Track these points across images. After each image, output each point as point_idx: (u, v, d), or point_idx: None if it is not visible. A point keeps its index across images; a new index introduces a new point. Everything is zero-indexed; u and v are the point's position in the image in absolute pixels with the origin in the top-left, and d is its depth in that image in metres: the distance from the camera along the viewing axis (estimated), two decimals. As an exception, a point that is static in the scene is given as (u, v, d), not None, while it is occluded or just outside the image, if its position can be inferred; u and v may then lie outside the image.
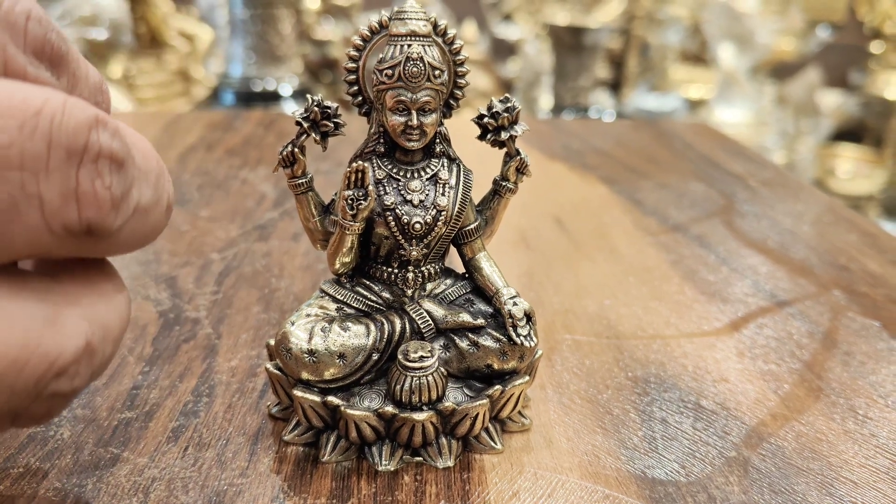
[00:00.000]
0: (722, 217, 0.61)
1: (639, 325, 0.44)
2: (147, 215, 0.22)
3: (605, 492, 0.30)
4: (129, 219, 0.21)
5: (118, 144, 0.21)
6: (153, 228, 0.23)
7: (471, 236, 0.34)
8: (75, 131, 0.20)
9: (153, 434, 0.33)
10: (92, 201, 0.20)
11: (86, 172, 0.20)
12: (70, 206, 0.20)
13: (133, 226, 0.22)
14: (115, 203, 0.21)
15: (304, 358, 0.31)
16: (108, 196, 0.20)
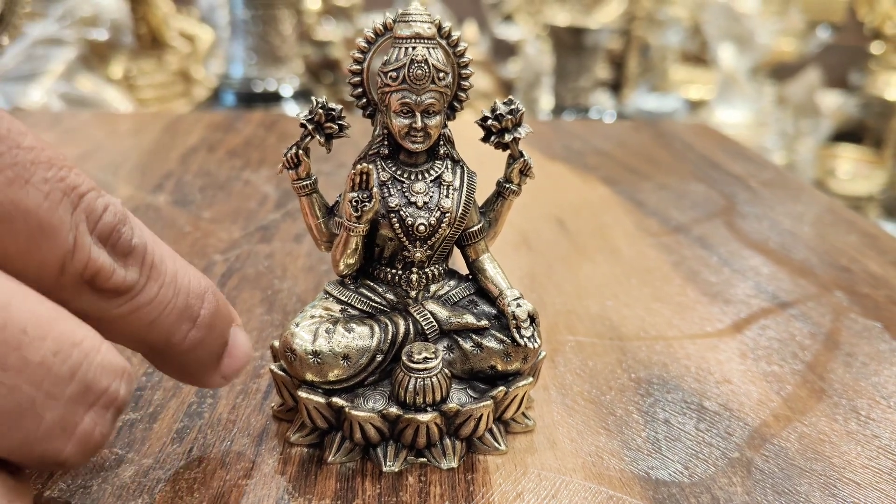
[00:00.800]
0: (723, 218, 0.61)
1: (641, 326, 0.44)
2: None
3: (609, 493, 0.31)
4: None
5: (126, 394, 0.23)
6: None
7: (474, 238, 0.34)
8: (102, 373, 0.22)
9: (158, 435, 0.33)
10: (84, 443, 0.22)
11: (91, 416, 0.22)
12: (64, 439, 0.22)
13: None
14: (97, 450, 0.23)
15: (308, 359, 0.31)
16: (98, 444, 0.23)
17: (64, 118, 0.85)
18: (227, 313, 0.29)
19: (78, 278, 0.23)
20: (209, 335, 0.28)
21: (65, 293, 0.23)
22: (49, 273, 0.22)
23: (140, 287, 0.25)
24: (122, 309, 0.25)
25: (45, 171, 0.22)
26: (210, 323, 0.28)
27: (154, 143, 0.76)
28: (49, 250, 0.22)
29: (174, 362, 0.28)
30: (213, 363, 0.29)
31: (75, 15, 1.59)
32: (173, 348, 0.27)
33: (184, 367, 0.28)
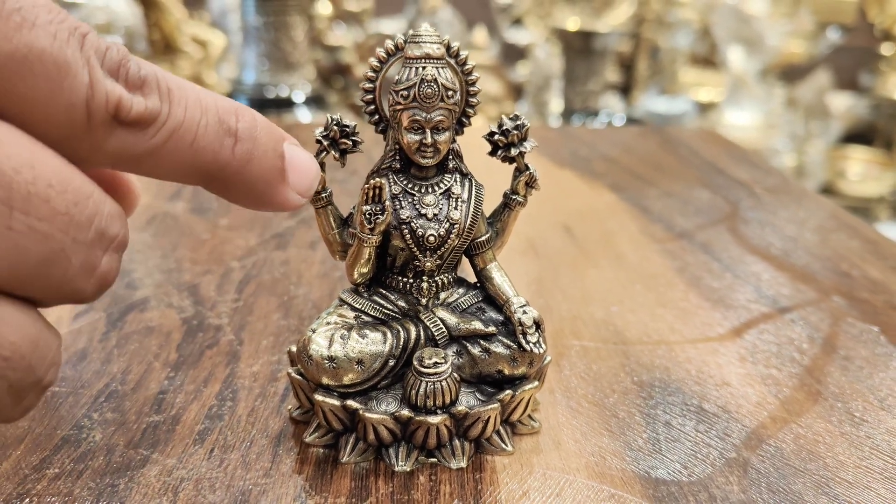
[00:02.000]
0: (727, 224, 0.62)
1: (645, 331, 0.45)
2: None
3: (611, 491, 0.32)
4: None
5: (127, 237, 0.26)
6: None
7: (482, 248, 0.36)
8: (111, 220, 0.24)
9: (180, 436, 0.35)
10: (102, 281, 0.25)
11: (107, 258, 0.25)
12: (87, 279, 0.24)
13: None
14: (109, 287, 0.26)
15: (324, 364, 0.33)
16: (111, 282, 0.25)
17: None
18: (271, 128, 0.29)
19: (104, 115, 0.23)
20: (256, 147, 0.28)
21: (97, 134, 0.24)
22: (78, 116, 0.23)
23: (165, 113, 0.25)
24: (157, 139, 0.25)
25: (47, 13, 0.22)
26: (252, 135, 0.27)
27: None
28: (70, 89, 0.22)
29: (237, 183, 0.28)
30: (278, 179, 0.29)
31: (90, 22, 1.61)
32: (226, 168, 0.27)
33: (249, 186, 0.28)
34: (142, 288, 0.49)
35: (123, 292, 0.48)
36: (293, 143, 0.30)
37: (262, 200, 0.29)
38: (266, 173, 0.28)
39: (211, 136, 0.26)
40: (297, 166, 0.30)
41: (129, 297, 0.47)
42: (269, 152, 0.28)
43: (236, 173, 0.27)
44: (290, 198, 0.30)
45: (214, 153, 0.26)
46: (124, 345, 0.42)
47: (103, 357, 0.41)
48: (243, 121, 0.27)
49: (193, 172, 0.27)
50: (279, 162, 0.29)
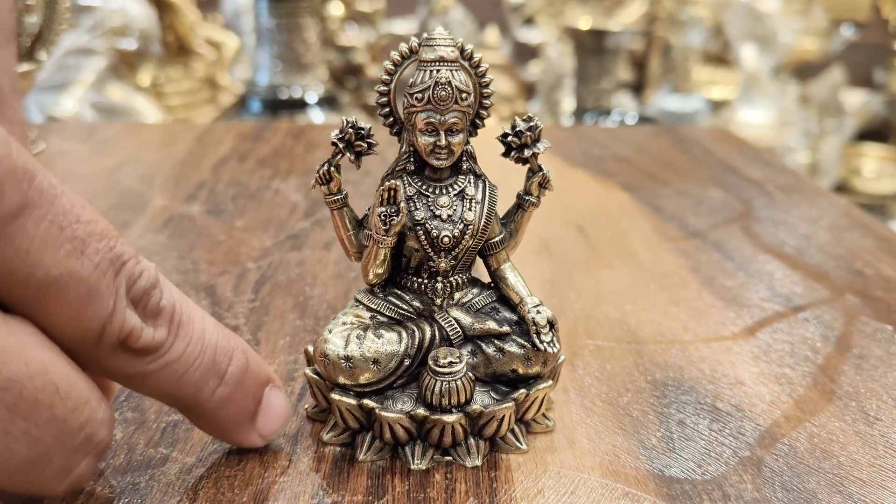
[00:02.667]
0: (740, 223, 0.62)
1: (658, 330, 0.46)
2: None
3: (625, 489, 0.32)
4: None
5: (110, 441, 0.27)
6: None
7: (496, 248, 0.36)
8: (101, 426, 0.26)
9: (199, 435, 0.35)
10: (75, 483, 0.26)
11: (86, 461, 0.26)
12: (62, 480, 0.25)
13: None
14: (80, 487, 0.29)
15: (340, 363, 0.33)
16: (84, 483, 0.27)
17: (97, 130, 0.88)
18: (259, 372, 0.31)
19: (114, 340, 0.25)
20: (237, 392, 0.30)
21: (101, 353, 0.25)
22: (91, 336, 0.25)
23: (168, 345, 0.27)
24: (152, 366, 0.27)
25: (98, 242, 0.24)
26: (238, 380, 0.30)
27: (186, 153, 0.78)
28: (93, 314, 0.24)
29: (207, 418, 0.30)
30: (247, 421, 0.31)
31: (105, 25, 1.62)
32: (203, 404, 0.29)
33: (217, 423, 0.30)
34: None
35: (141, 293, 0.49)
36: (276, 387, 0.32)
37: (224, 436, 0.32)
38: (237, 416, 0.31)
39: (199, 375, 0.28)
40: (270, 412, 0.32)
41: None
42: (247, 398, 0.30)
43: (210, 412, 0.29)
44: (251, 440, 0.32)
45: (197, 391, 0.28)
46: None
47: (122, 357, 0.41)
48: (234, 364, 0.29)
49: (170, 399, 0.29)
50: (254, 408, 0.31)
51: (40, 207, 0.23)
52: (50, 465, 0.24)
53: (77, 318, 0.24)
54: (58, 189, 0.24)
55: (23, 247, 0.23)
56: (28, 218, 0.23)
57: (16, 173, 0.22)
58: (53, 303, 0.24)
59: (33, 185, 0.23)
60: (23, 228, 0.22)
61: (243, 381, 0.30)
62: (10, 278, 0.23)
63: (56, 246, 0.23)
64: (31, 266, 0.23)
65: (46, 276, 0.23)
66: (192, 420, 0.31)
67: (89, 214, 0.24)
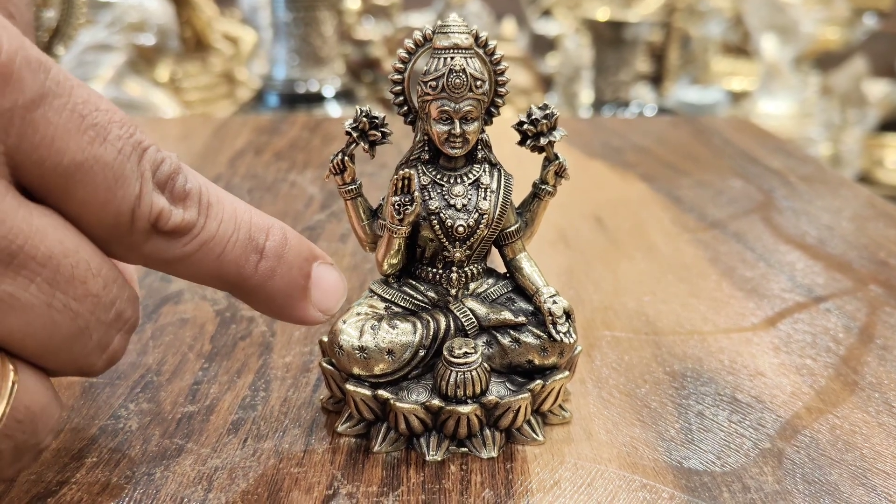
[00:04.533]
0: (760, 213, 0.62)
1: (677, 321, 0.45)
2: None
3: (643, 481, 0.32)
4: None
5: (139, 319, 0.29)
6: None
7: (511, 238, 0.36)
8: (129, 304, 0.28)
9: (214, 426, 0.35)
10: (111, 359, 0.28)
11: (118, 338, 0.28)
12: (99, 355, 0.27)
13: None
14: (115, 363, 0.29)
15: (355, 354, 0.33)
16: (118, 359, 0.29)
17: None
18: (301, 248, 0.31)
19: (145, 224, 0.26)
20: (281, 266, 0.30)
21: (136, 238, 0.26)
22: (123, 221, 0.26)
23: (201, 225, 0.27)
24: (188, 248, 0.27)
25: (119, 129, 0.25)
26: (278, 254, 0.30)
27: (203, 146, 0.79)
28: (122, 198, 0.25)
29: (258, 295, 0.30)
30: (300, 296, 0.31)
31: (123, 21, 1.63)
32: (248, 280, 0.29)
33: (270, 299, 0.31)
34: (176, 281, 0.49)
35: (158, 285, 0.49)
36: (325, 264, 0.32)
37: (282, 313, 0.31)
38: (287, 289, 0.31)
39: (238, 252, 0.29)
40: (324, 286, 0.32)
41: (163, 290, 0.48)
42: (293, 270, 0.30)
43: (258, 286, 0.30)
44: (310, 314, 0.32)
45: (239, 267, 0.29)
46: (159, 336, 0.43)
47: (139, 349, 0.42)
48: (272, 239, 0.30)
49: (217, 280, 0.29)
50: (302, 280, 0.31)
51: (60, 97, 0.24)
52: (89, 339, 0.26)
53: (106, 204, 0.25)
54: (73, 81, 0.25)
55: (48, 134, 0.23)
56: (49, 107, 0.23)
57: (31, 63, 0.23)
58: (82, 189, 0.24)
59: (49, 75, 0.24)
60: (45, 117, 0.23)
61: (284, 255, 0.30)
62: (39, 166, 0.24)
63: (79, 133, 0.24)
64: (57, 153, 0.24)
65: (73, 162, 0.24)
66: (248, 302, 0.31)
67: (106, 104, 0.25)
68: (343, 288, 0.33)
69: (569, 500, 0.31)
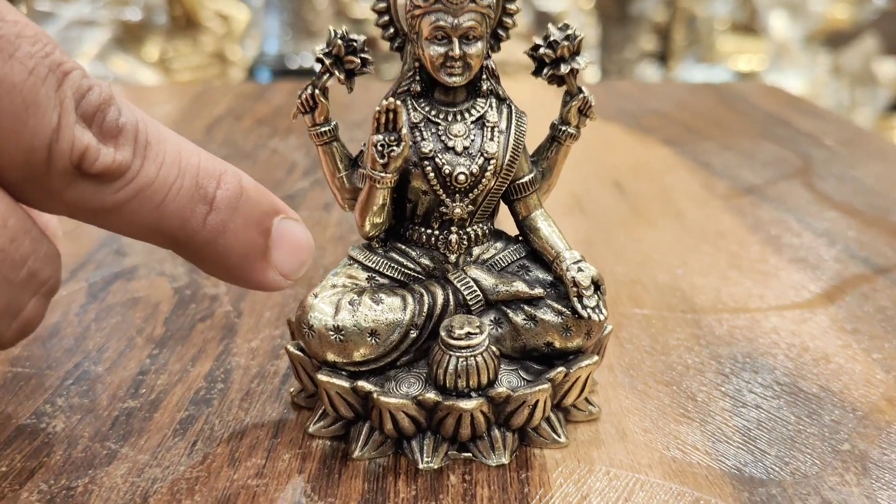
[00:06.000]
0: (801, 179, 0.55)
1: (718, 297, 0.38)
2: None
3: (695, 494, 0.25)
4: None
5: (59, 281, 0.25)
6: None
7: (525, 190, 0.29)
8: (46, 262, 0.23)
9: (158, 426, 0.28)
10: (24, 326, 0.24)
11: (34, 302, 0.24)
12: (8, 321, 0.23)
13: None
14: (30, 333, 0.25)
15: (329, 336, 0.26)
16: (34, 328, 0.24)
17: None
18: (260, 199, 0.26)
19: (66, 163, 0.22)
20: (234, 220, 0.25)
21: (56, 181, 0.22)
22: (38, 159, 0.21)
23: (136, 168, 0.23)
24: (121, 195, 0.23)
25: (31, 45, 0.21)
26: (231, 205, 0.25)
27: (180, 113, 0.72)
28: (35, 130, 0.21)
29: (208, 255, 0.25)
30: (257, 256, 0.26)
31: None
32: (195, 236, 0.25)
33: (221, 259, 0.26)
34: (132, 255, 0.43)
35: (111, 259, 0.42)
36: (289, 219, 0.27)
37: (236, 276, 0.27)
38: (242, 248, 0.26)
39: (182, 201, 0.24)
40: (287, 245, 0.27)
41: (116, 265, 0.41)
42: (249, 226, 0.26)
43: (206, 244, 0.25)
44: (269, 277, 0.27)
45: (183, 220, 0.24)
46: (104, 318, 0.36)
47: (78, 333, 0.35)
48: (225, 188, 0.25)
49: (157, 235, 0.25)
50: (261, 238, 0.26)
51: None
52: None
53: (15, 136, 0.21)
54: None
55: None
56: None
57: None
58: None
59: None
60: None
61: (239, 208, 0.25)
62: None
63: None
64: None
65: None
66: (196, 262, 0.26)
67: (16, 16, 0.21)
68: (310, 248, 0.27)
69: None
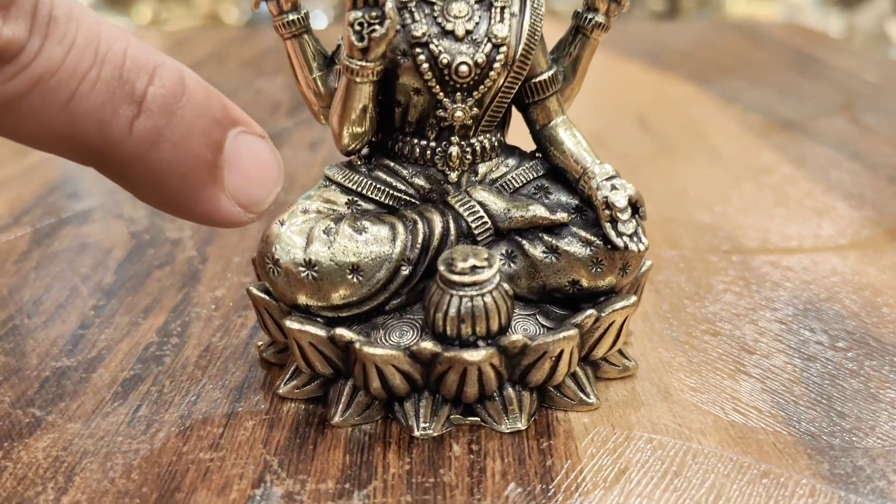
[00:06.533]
0: (845, 114, 0.49)
1: (766, 236, 0.33)
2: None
3: (762, 467, 0.20)
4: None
5: None
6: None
7: (544, 91, 0.23)
8: None
9: (95, 389, 0.23)
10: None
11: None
12: None
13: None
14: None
15: (299, 273, 0.21)
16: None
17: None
18: (210, 103, 0.20)
19: None
20: (172, 127, 0.19)
21: None
22: None
23: (33, 50, 0.18)
24: (14, 84, 0.18)
25: None
26: (168, 107, 0.19)
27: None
28: None
29: (137, 172, 0.20)
30: (203, 177, 0.20)
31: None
32: (118, 146, 0.19)
33: (158, 181, 0.20)
34: (88, 198, 0.37)
35: (62, 203, 0.37)
36: (250, 133, 0.21)
37: (177, 205, 0.21)
38: (182, 167, 0.20)
39: (99, 98, 0.18)
40: (245, 165, 0.21)
41: (67, 209, 0.36)
42: (193, 138, 0.20)
43: (135, 159, 0.19)
44: (222, 207, 0.21)
45: (101, 123, 0.19)
46: (47, 266, 0.31)
47: (14, 282, 0.30)
48: (160, 84, 0.19)
49: (71, 145, 0.19)
50: (209, 154, 0.20)
51: None
52: None
53: None
54: None
55: None
56: None
57: None
58: None
59: None
60: None
61: (178, 112, 0.19)
62: None
63: None
64: None
65: None
66: (127, 186, 0.20)
67: None
68: (277, 171, 0.22)
69: (646, 499, 0.19)
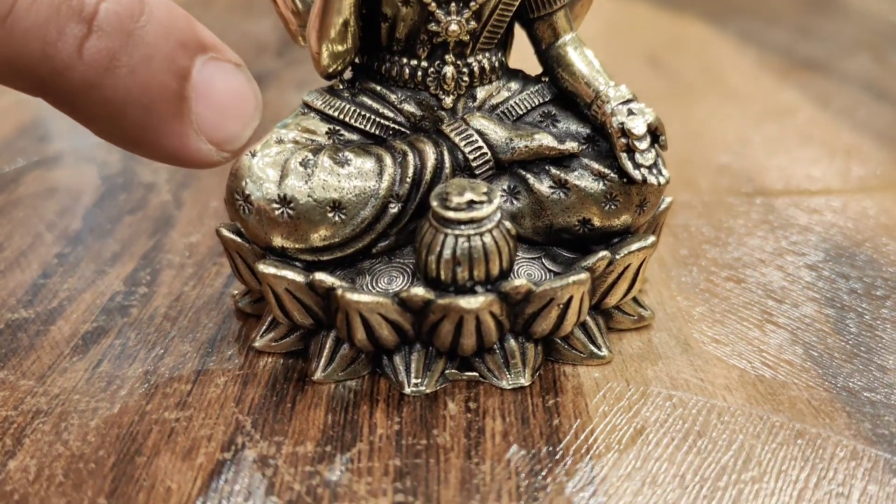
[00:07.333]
0: (871, 53, 0.46)
1: (790, 178, 0.30)
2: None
3: (797, 426, 0.18)
4: None
5: None
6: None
7: (550, 4, 0.20)
8: None
9: (53, 343, 0.21)
10: None
11: None
12: None
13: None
14: None
15: (273, 210, 0.18)
16: None
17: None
18: (175, 24, 0.17)
19: None
20: (129, 50, 0.16)
21: None
22: None
23: None
24: None
25: None
26: (124, 27, 0.16)
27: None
28: None
29: (94, 105, 0.16)
30: (168, 109, 0.17)
31: None
32: (67, 73, 0.16)
33: (116, 118, 0.17)
34: (58, 141, 0.35)
35: (32, 147, 0.34)
36: (222, 60, 0.18)
37: (137, 141, 0.18)
38: (142, 97, 0.17)
39: (42, 13, 0.16)
40: (216, 97, 0.18)
41: (36, 152, 0.34)
42: (154, 63, 0.17)
43: (87, 87, 0.16)
44: (190, 145, 0.18)
45: (45, 44, 0.16)
46: (10, 212, 0.29)
47: (-27, 229, 0.27)
48: (115, 1, 0.16)
49: (8, 69, 0.16)
50: (174, 82, 0.17)
51: None
52: None
53: None
54: None
55: None
56: None
57: None
58: None
59: None
60: None
61: (136, 33, 0.16)
62: None
63: None
64: None
65: None
66: (81, 119, 0.17)
67: None
68: (254, 102, 0.18)
69: (666, 463, 0.16)
